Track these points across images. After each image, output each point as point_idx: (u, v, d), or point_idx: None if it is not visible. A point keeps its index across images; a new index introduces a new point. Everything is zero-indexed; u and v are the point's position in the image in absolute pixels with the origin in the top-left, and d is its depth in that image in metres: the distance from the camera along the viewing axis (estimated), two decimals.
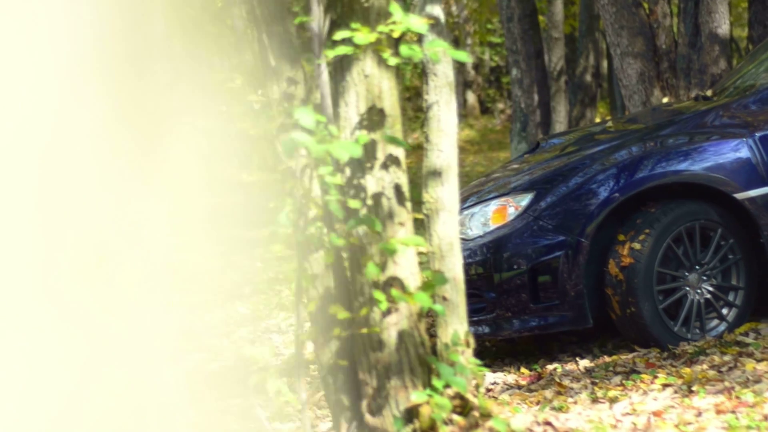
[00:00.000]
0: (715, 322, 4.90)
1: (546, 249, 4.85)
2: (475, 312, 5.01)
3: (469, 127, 23.29)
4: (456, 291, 3.20)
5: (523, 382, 4.66)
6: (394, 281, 3.02)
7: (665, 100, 7.53)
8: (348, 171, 3.04)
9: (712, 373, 4.11)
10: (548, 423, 3.07)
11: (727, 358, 4.28)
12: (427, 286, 2.94)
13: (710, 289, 4.88)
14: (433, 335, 3.13)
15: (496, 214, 5.01)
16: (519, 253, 4.87)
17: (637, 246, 4.78)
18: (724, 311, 4.90)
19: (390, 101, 3.04)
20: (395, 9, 2.86)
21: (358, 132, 3.01)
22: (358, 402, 3.10)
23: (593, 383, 4.39)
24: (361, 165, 3.02)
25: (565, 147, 5.36)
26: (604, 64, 15.45)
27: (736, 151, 4.90)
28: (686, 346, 4.68)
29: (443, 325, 3.20)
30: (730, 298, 4.91)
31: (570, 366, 4.81)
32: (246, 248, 8.77)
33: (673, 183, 4.92)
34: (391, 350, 3.03)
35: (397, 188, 3.05)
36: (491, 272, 4.92)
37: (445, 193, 3.21)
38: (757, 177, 4.86)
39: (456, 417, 3.08)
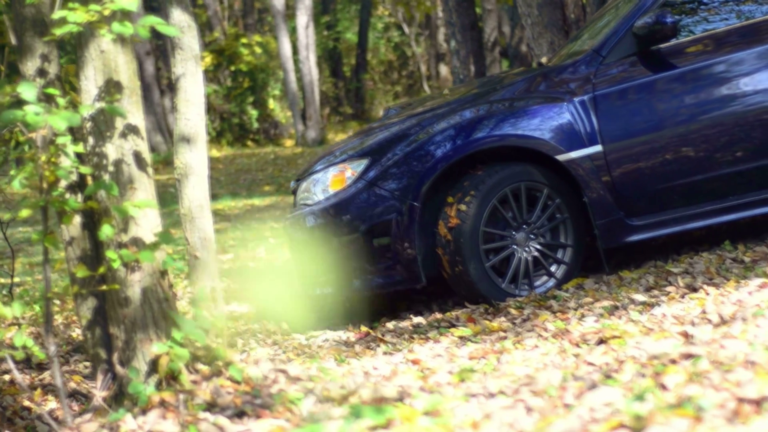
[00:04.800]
0: (545, 278, 5.12)
1: (380, 212, 5.06)
2: (318, 273, 5.25)
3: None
4: (206, 250, 3.44)
5: (353, 339, 4.89)
6: (137, 241, 3.26)
7: None
8: (91, 140, 3.27)
9: (506, 324, 4.33)
10: (282, 371, 3.30)
11: (527, 311, 4.50)
12: (152, 245, 3.17)
13: (538, 247, 5.09)
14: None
15: (335, 180, 5.23)
16: (356, 217, 5.09)
17: (463, 207, 4.99)
18: (553, 268, 5.12)
19: (127, 74, 3.27)
20: None
21: (97, 103, 3.23)
22: (111, 354, 3.35)
23: (411, 338, 4.62)
24: (102, 134, 3.25)
25: (401, 116, 5.56)
26: None
27: (559, 114, 5.10)
28: (510, 301, 4.90)
29: (195, 282, 3.45)
30: (559, 255, 5.13)
31: (405, 323, 5.04)
32: None
33: (500, 146, 5.12)
34: (137, 306, 3.27)
35: (137, 155, 3.28)
36: (330, 236, 5.13)
37: (193, 159, 3.44)
38: (579, 139, 5.06)
39: (201, 366, 3.33)
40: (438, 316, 5.04)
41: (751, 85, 5.07)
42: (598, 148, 5.06)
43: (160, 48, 20.33)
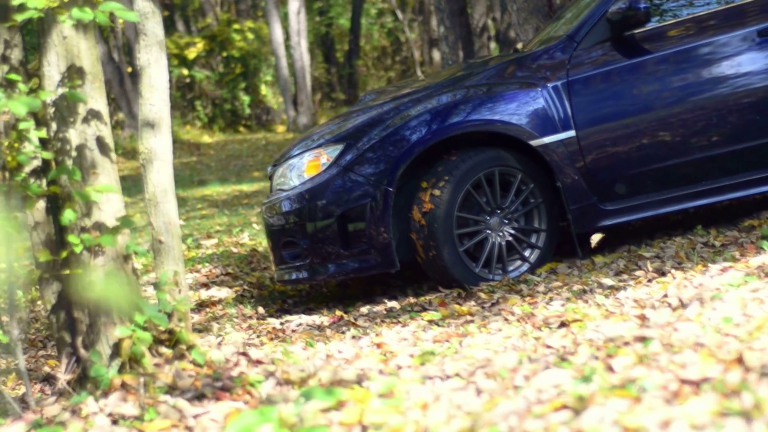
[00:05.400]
0: (519, 263, 5.15)
1: (355, 197, 5.08)
2: (293, 258, 5.28)
3: None
4: (170, 235, 3.47)
5: (326, 323, 4.92)
6: (99, 226, 3.28)
7: None
8: (54, 125, 3.29)
9: (475, 308, 4.37)
10: (244, 354, 3.33)
11: (497, 295, 4.54)
12: (113, 230, 3.19)
13: (512, 232, 5.12)
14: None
15: (311, 165, 5.25)
16: (330, 202, 5.11)
17: (437, 192, 5.02)
18: (527, 253, 5.15)
19: (89, 60, 3.28)
20: None
21: (60, 89, 3.25)
22: (75, 338, 3.37)
23: (383, 322, 4.65)
24: (64, 120, 3.27)
25: (378, 101, 5.58)
26: None
27: (533, 100, 5.12)
28: (483, 286, 4.93)
29: (159, 266, 3.47)
30: (533, 240, 5.16)
31: (379, 307, 5.07)
32: None
33: (474, 132, 5.14)
34: (100, 289, 3.29)
35: (99, 140, 3.30)
36: (305, 221, 5.16)
37: (157, 144, 3.46)
38: (552, 125, 5.08)
39: (164, 349, 3.36)
40: (412, 300, 5.07)
41: (723, 71, 5.09)
42: (571, 133, 5.08)
43: None
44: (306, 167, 5.26)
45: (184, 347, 3.36)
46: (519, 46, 5.79)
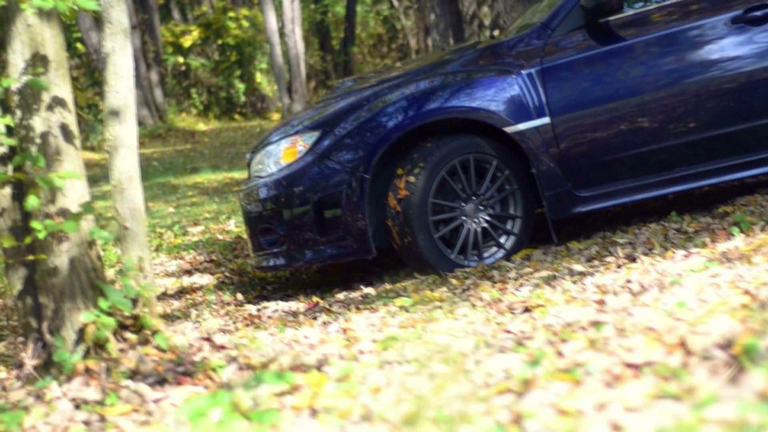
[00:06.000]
0: (494, 249, 5.18)
1: (331, 184, 5.11)
2: (271, 245, 5.31)
3: None
4: (136, 221, 3.49)
5: (302, 309, 4.95)
6: (63, 212, 3.31)
7: None
8: (19, 112, 3.32)
9: (447, 294, 4.39)
10: (207, 339, 3.36)
11: (469, 281, 4.56)
12: (76, 216, 3.22)
13: (487, 218, 5.15)
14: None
15: (287, 152, 5.27)
16: (307, 189, 5.13)
17: (412, 179, 5.04)
18: (503, 239, 5.17)
19: (53, 48, 3.31)
20: None
21: (24, 76, 3.27)
22: (41, 323, 3.40)
23: (357, 308, 4.68)
24: (29, 107, 3.30)
25: (354, 88, 5.60)
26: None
27: (508, 87, 5.14)
28: (458, 272, 4.96)
29: (125, 252, 3.50)
30: (508, 226, 5.18)
31: (355, 293, 5.10)
32: None
33: (449, 119, 5.17)
34: (65, 275, 3.32)
35: (64, 128, 3.32)
36: (282, 208, 5.18)
37: (123, 131, 3.48)
38: (527, 112, 5.10)
39: (129, 334, 3.39)
40: (387, 287, 5.10)
41: (697, 58, 5.11)
42: (545, 120, 5.10)
43: (146, 22, 20.31)
44: (283, 154, 5.28)
45: (148, 333, 3.39)
46: (496, 33, 5.80)
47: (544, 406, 2.15)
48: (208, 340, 3.35)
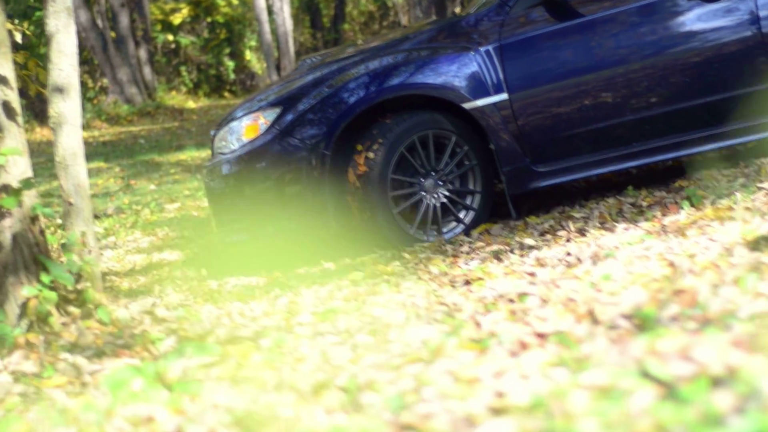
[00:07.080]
0: (453, 224, 5.22)
1: (292, 160, 5.14)
2: (233, 221, 5.35)
3: None
4: (80, 197, 3.54)
5: (261, 284, 5.00)
6: (6, 188, 3.36)
7: None
8: None
9: (399, 269, 4.44)
10: (149, 313, 3.42)
11: (423, 255, 4.61)
12: (16, 191, 3.26)
13: (447, 194, 5.19)
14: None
15: (249, 129, 5.31)
16: (268, 165, 5.17)
17: (371, 155, 5.08)
18: (462, 214, 5.22)
19: None
20: None
21: None
22: None
23: (313, 282, 4.73)
24: None
25: (316, 65, 5.63)
26: None
27: (467, 63, 5.17)
28: (416, 246, 5.01)
29: (69, 227, 3.55)
30: (467, 201, 5.22)
31: (316, 269, 5.15)
32: None
33: (407, 95, 5.20)
34: (7, 250, 3.37)
35: (5, 105, 3.36)
36: (244, 184, 5.22)
37: (67, 108, 3.53)
38: (485, 88, 5.14)
39: (72, 308, 3.44)
40: (348, 261, 5.15)
41: (656, 34, 5.14)
42: (503, 96, 5.13)
43: (135, 0, 20.29)
44: (245, 131, 5.32)
45: (92, 307, 3.44)
46: (457, 10, 5.82)
47: (445, 374, 2.20)
48: (149, 313, 3.40)
